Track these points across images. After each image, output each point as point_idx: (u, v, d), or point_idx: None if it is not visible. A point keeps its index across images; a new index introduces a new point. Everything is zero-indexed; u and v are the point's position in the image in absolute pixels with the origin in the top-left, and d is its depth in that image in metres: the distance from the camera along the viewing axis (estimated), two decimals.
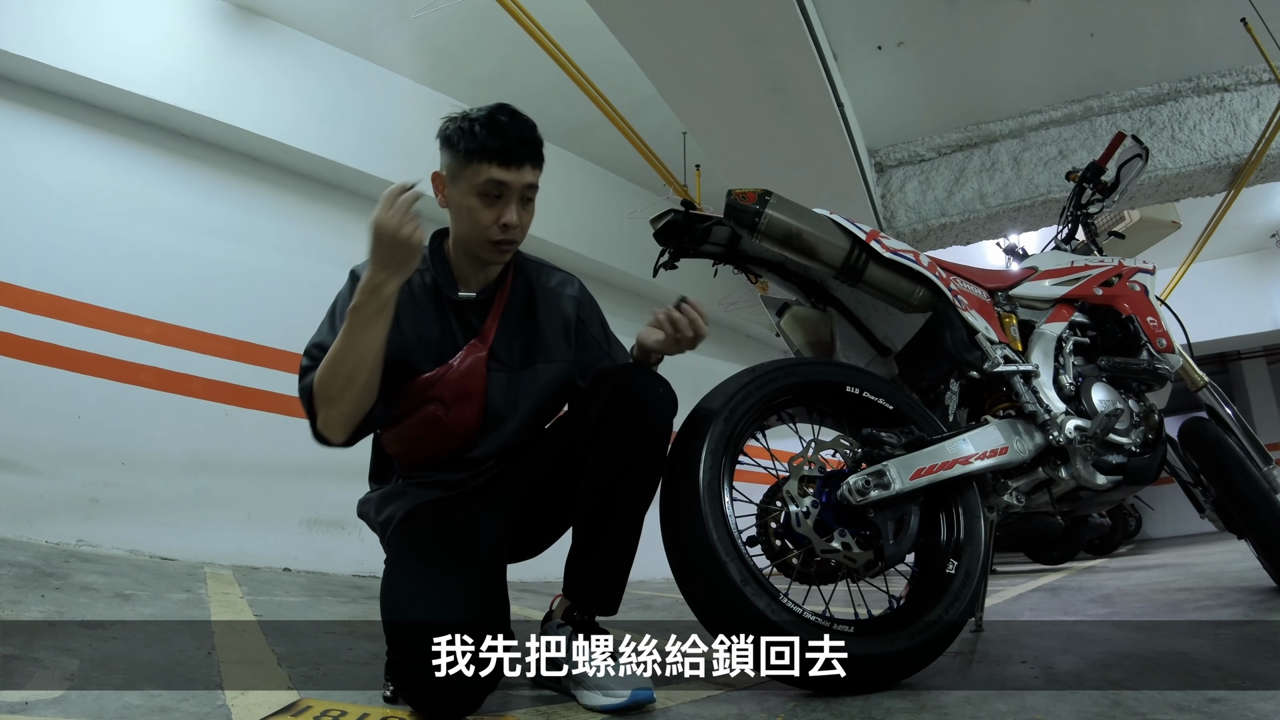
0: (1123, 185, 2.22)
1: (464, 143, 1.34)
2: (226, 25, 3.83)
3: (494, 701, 1.26)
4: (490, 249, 1.39)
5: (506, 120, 1.35)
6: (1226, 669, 1.23)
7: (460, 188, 1.36)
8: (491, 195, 1.34)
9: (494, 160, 1.32)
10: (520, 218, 1.37)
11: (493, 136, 1.32)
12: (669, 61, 3.37)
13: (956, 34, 3.93)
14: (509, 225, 1.36)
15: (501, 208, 1.35)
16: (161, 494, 3.29)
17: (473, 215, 1.36)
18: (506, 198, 1.35)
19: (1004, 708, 1.08)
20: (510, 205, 1.35)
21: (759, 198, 1.47)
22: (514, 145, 1.34)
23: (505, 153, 1.33)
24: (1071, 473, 1.54)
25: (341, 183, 4.29)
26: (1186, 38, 4.00)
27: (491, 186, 1.33)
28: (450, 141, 1.36)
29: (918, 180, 4.72)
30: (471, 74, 4.46)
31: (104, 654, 1.35)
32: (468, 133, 1.34)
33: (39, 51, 3.21)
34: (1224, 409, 2.14)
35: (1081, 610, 2.33)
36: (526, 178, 1.36)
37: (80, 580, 2.15)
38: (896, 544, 1.29)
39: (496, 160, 1.32)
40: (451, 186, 1.38)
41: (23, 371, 3.10)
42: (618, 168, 5.43)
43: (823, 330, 1.83)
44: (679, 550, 1.23)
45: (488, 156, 1.32)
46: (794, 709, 1.14)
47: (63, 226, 3.33)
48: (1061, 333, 1.76)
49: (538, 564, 1.75)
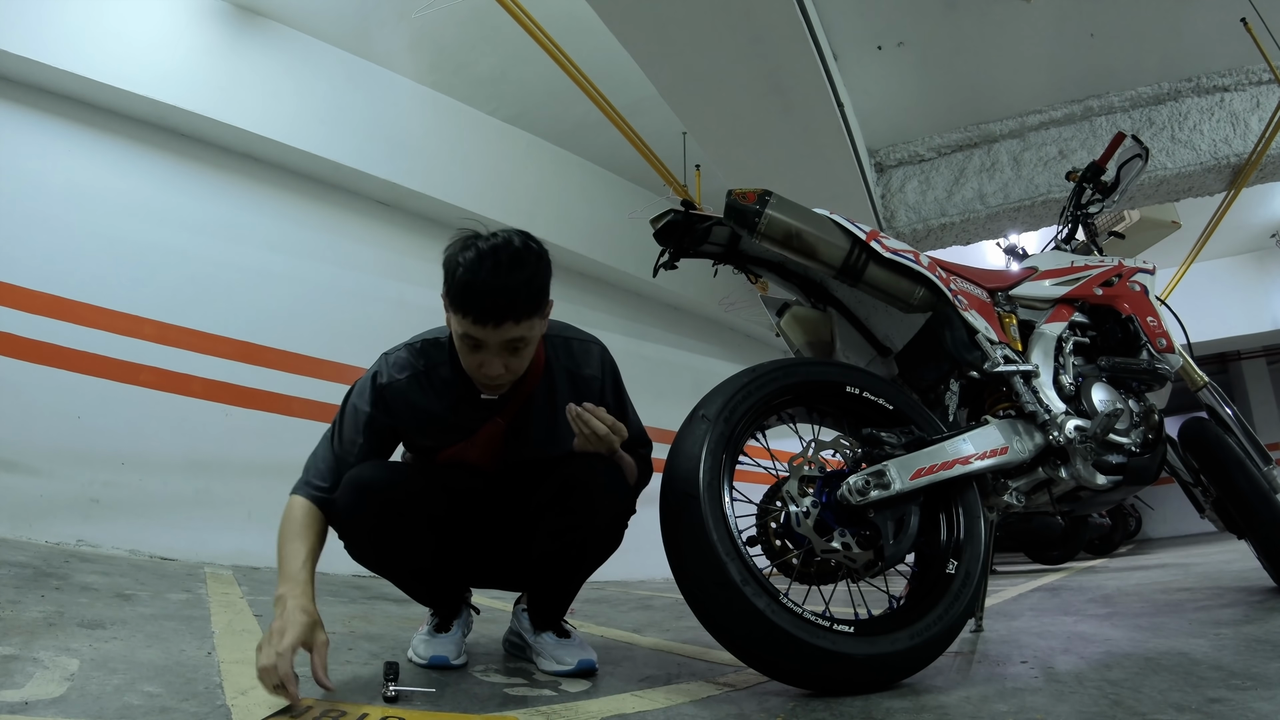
0: (1123, 185, 2.22)
1: (447, 287, 1.30)
2: (226, 25, 3.83)
3: (494, 701, 1.27)
4: (479, 385, 1.39)
5: (488, 275, 1.25)
6: (1226, 669, 1.23)
7: (451, 325, 1.35)
8: (472, 346, 1.31)
9: (469, 317, 1.27)
10: (507, 366, 1.34)
11: (469, 292, 1.26)
12: (669, 61, 3.37)
13: (956, 34, 3.93)
14: (491, 375, 1.34)
15: (482, 357, 1.32)
16: (161, 494, 3.28)
17: (461, 355, 1.35)
18: (487, 350, 1.31)
19: (1004, 708, 1.08)
20: (492, 357, 1.32)
21: (759, 198, 1.47)
22: (489, 307, 1.26)
23: (480, 313, 1.26)
24: (1071, 473, 1.54)
25: (341, 183, 4.29)
26: (1186, 38, 4.00)
27: (469, 340, 1.30)
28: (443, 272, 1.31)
29: (918, 180, 4.72)
30: (471, 74, 4.47)
31: (104, 654, 1.35)
32: (451, 278, 1.29)
33: (39, 51, 3.21)
34: (1224, 409, 2.14)
35: (1081, 610, 2.33)
36: (507, 334, 1.29)
37: (80, 580, 2.15)
38: (896, 544, 1.29)
39: (470, 318, 1.27)
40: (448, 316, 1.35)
41: (23, 371, 3.09)
42: (618, 168, 5.43)
43: (823, 330, 1.83)
44: (679, 550, 1.23)
45: (465, 312, 1.27)
46: (794, 709, 1.14)
47: (63, 226, 3.33)
48: (1061, 333, 1.76)
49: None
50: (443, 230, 5.23)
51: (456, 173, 4.57)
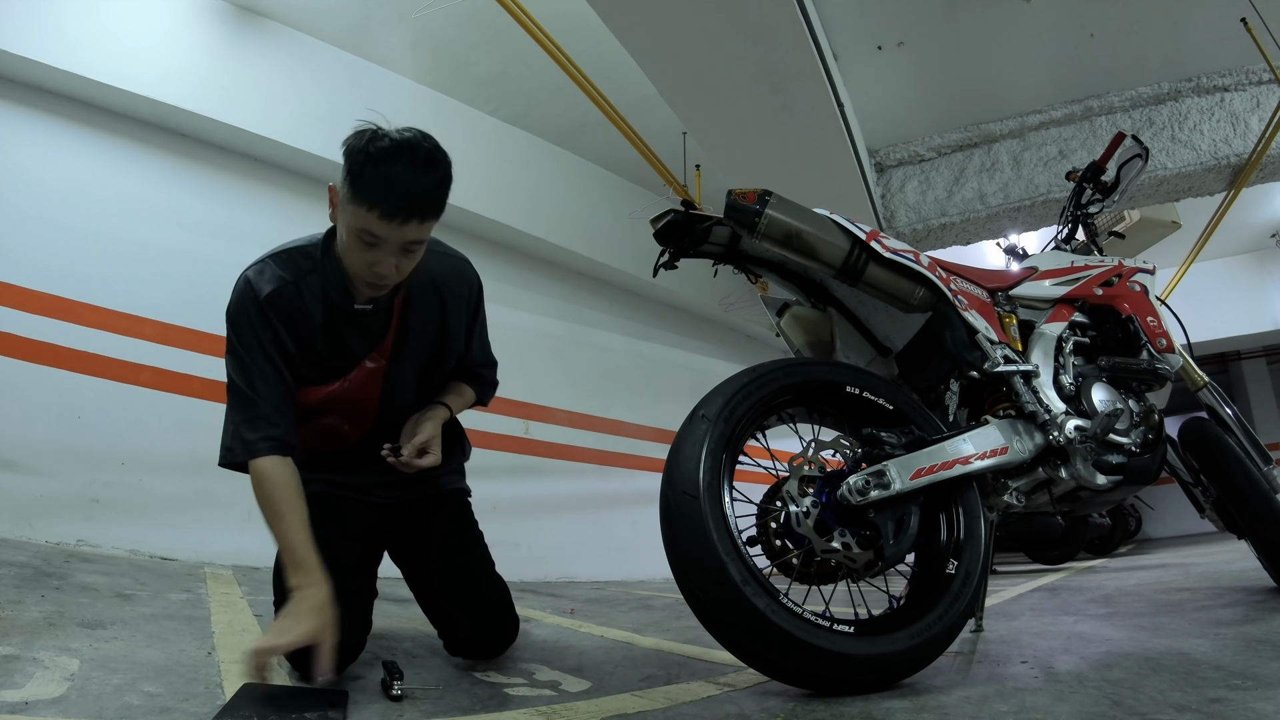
0: (1123, 185, 2.22)
1: (352, 177, 1.24)
2: (226, 25, 3.83)
3: (494, 701, 1.27)
4: (363, 285, 1.34)
5: (401, 170, 1.22)
6: (1226, 669, 1.23)
7: (344, 218, 1.29)
8: (367, 243, 1.26)
9: (375, 210, 1.22)
10: (399, 267, 1.30)
11: (378, 186, 1.21)
12: (669, 61, 3.37)
13: (956, 34, 3.93)
14: (382, 275, 1.29)
15: (377, 256, 1.27)
16: (161, 494, 3.28)
17: (350, 252, 1.29)
18: (384, 248, 1.27)
19: (1004, 708, 1.08)
20: (387, 257, 1.27)
21: (759, 198, 1.47)
22: (401, 203, 1.22)
23: (389, 208, 1.22)
24: (1071, 473, 1.54)
25: None
26: (1186, 38, 4.00)
27: (368, 235, 1.25)
28: (345, 163, 1.26)
29: (918, 180, 4.72)
30: (471, 74, 4.46)
31: (104, 654, 1.35)
32: (358, 168, 1.23)
33: (39, 51, 3.21)
34: (1224, 409, 2.14)
35: (1081, 610, 2.32)
36: (409, 234, 1.26)
37: (80, 580, 2.15)
38: (896, 544, 1.29)
39: (377, 211, 1.22)
40: (340, 211, 1.30)
41: (23, 371, 3.09)
42: (618, 168, 5.43)
43: (823, 330, 1.83)
44: (679, 550, 1.23)
45: (371, 205, 1.22)
46: (794, 709, 1.14)
47: (63, 226, 3.32)
48: (1061, 333, 1.76)
49: (538, 565, 1.80)
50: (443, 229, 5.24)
51: (457, 173, 4.52)
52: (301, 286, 1.37)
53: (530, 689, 1.37)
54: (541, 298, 5.30)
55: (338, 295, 1.38)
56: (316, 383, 1.43)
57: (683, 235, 1.62)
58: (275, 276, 1.37)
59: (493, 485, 4.44)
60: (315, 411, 1.45)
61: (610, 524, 5.13)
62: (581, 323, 5.60)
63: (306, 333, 1.39)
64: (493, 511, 4.87)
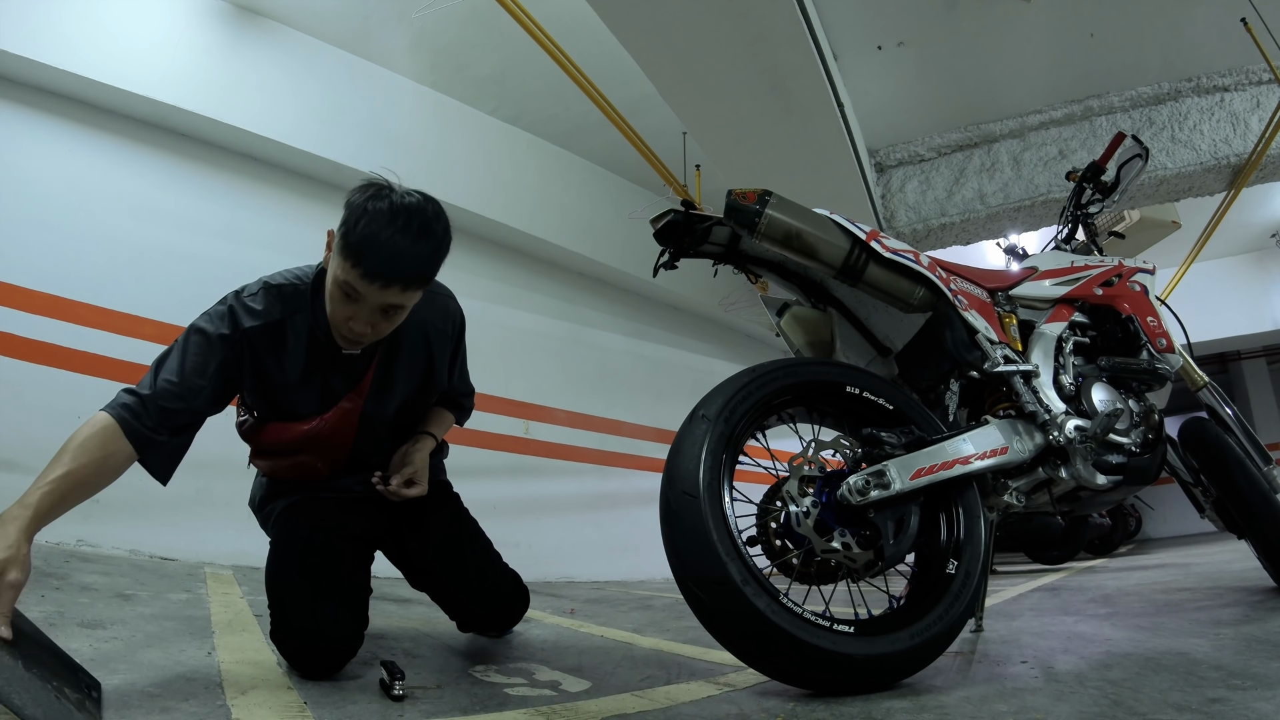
0: (1123, 185, 2.22)
1: (344, 230, 1.25)
2: (226, 25, 3.83)
3: (494, 701, 1.27)
4: (338, 337, 1.34)
5: (394, 234, 1.22)
6: (1226, 669, 1.23)
7: (332, 266, 1.29)
8: (347, 296, 1.27)
9: (358, 270, 1.23)
10: (375, 327, 1.30)
11: (365, 246, 1.21)
12: (669, 61, 3.37)
13: (956, 34, 3.93)
14: (356, 331, 1.30)
15: (354, 310, 1.28)
16: (161, 494, 3.25)
17: (332, 302, 1.30)
18: (362, 305, 1.27)
19: (1004, 708, 1.08)
20: (363, 314, 1.28)
21: (759, 198, 1.47)
22: (383, 267, 1.22)
23: (371, 269, 1.22)
24: (1071, 473, 1.54)
25: (341, 183, 4.29)
26: (1186, 38, 4.00)
27: (349, 289, 1.25)
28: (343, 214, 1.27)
29: (918, 180, 4.72)
30: (471, 74, 4.46)
31: (104, 654, 1.35)
32: (352, 222, 1.23)
33: (39, 51, 3.21)
34: (1224, 409, 2.14)
35: (1081, 610, 2.32)
36: (389, 299, 1.26)
37: (80, 580, 2.15)
38: (896, 544, 1.29)
39: (359, 270, 1.23)
40: (331, 257, 1.30)
41: (23, 371, 3.09)
42: (618, 168, 5.43)
43: (823, 330, 1.83)
44: (679, 550, 1.23)
45: (356, 263, 1.22)
46: (794, 709, 1.14)
47: (63, 226, 3.32)
48: (1061, 333, 1.76)
49: (538, 566, 1.81)
50: None
51: (457, 173, 4.57)
52: (288, 326, 1.37)
53: (530, 689, 1.37)
54: (541, 298, 5.30)
55: (323, 336, 1.38)
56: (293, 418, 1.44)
57: (683, 235, 1.62)
58: (265, 312, 1.37)
59: (493, 485, 4.44)
60: (290, 450, 1.47)
61: (610, 524, 5.13)
62: (581, 323, 5.60)
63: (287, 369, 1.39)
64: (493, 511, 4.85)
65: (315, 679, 1.32)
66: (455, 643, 1.85)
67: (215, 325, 1.34)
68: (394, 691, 1.22)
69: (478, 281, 4.78)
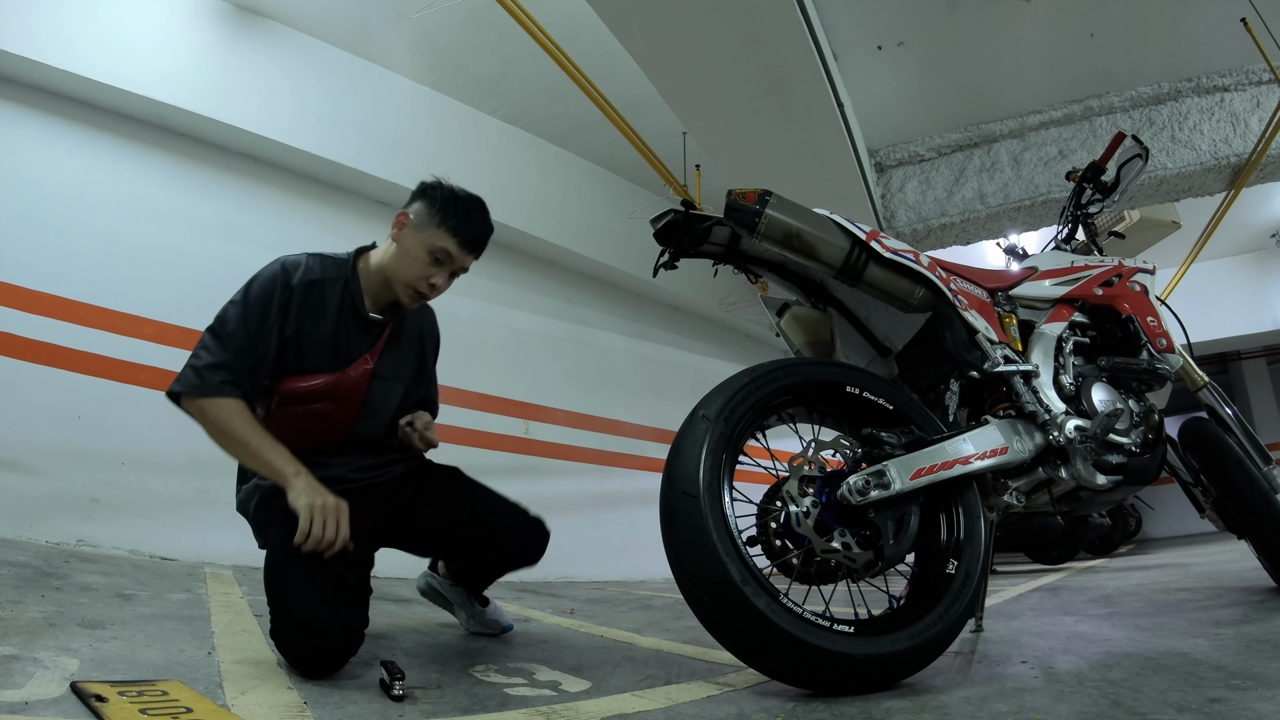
0: (1123, 185, 2.22)
1: (445, 210, 1.59)
2: (226, 25, 3.83)
3: (494, 701, 1.27)
4: (408, 294, 1.62)
5: (480, 216, 1.64)
6: (1226, 669, 1.23)
7: (418, 238, 1.60)
8: (437, 260, 1.60)
9: (458, 238, 1.59)
10: (441, 287, 1.64)
11: (469, 223, 1.61)
12: (669, 61, 3.37)
13: (956, 34, 3.93)
14: (435, 287, 1.62)
15: (435, 271, 1.61)
16: (161, 494, 3.28)
17: (415, 265, 1.60)
18: (446, 267, 1.62)
19: (1004, 708, 1.08)
20: (443, 274, 1.62)
21: (759, 198, 1.47)
22: (478, 238, 1.63)
23: (470, 240, 1.61)
24: (1071, 473, 1.54)
25: (341, 183, 4.29)
26: (1186, 38, 4.00)
27: (444, 254, 1.60)
28: (430, 199, 1.61)
29: (918, 180, 4.72)
30: (471, 74, 4.46)
31: (104, 654, 1.35)
32: (451, 205, 1.60)
33: (39, 51, 3.21)
34: (1224, 409, 2.14)
35: (1081, 610, 2.32)
36: (467, 263, 1.65)
37: (80, 580, 2.15)
38: (896, 544, 1.29)
39: (459, 239, 1.59)
40: (411, 232, 1.61)
41: (23, 371, 3.09)
42: (618, 168, 5.43)
43: (823, 330, 1.83)
44: (679, 550, 1.23)
45: (455, 233, 1.59)
46: (794, 709, 1.14)
47: (63, 226, 3.32)
48: (1061, 333, 1.76)
49: (538, 566, 1.81)
50: None
51: (456, 173, 4.49)
52: (327, 287, 1.62)
53: (530, 689, 1.37)
54: (541, 298, 5.30)
55: (355, 302, 1.64)
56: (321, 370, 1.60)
57: (683, 235, 1.62)
58: (310, 269, 1.62)
59: (493, 485, 4.44)
60: (310, 397, 1.60)
61: (610, 524, 5.12)
62: (581, 323, 5.60)
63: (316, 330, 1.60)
64: None
65: (316, 678, 1.32)
66: (455, 643, 1.85)
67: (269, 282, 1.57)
68: (394, 691, 1.22)
69: (477, 281, 4.76)
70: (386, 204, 4.50)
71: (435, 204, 1.60)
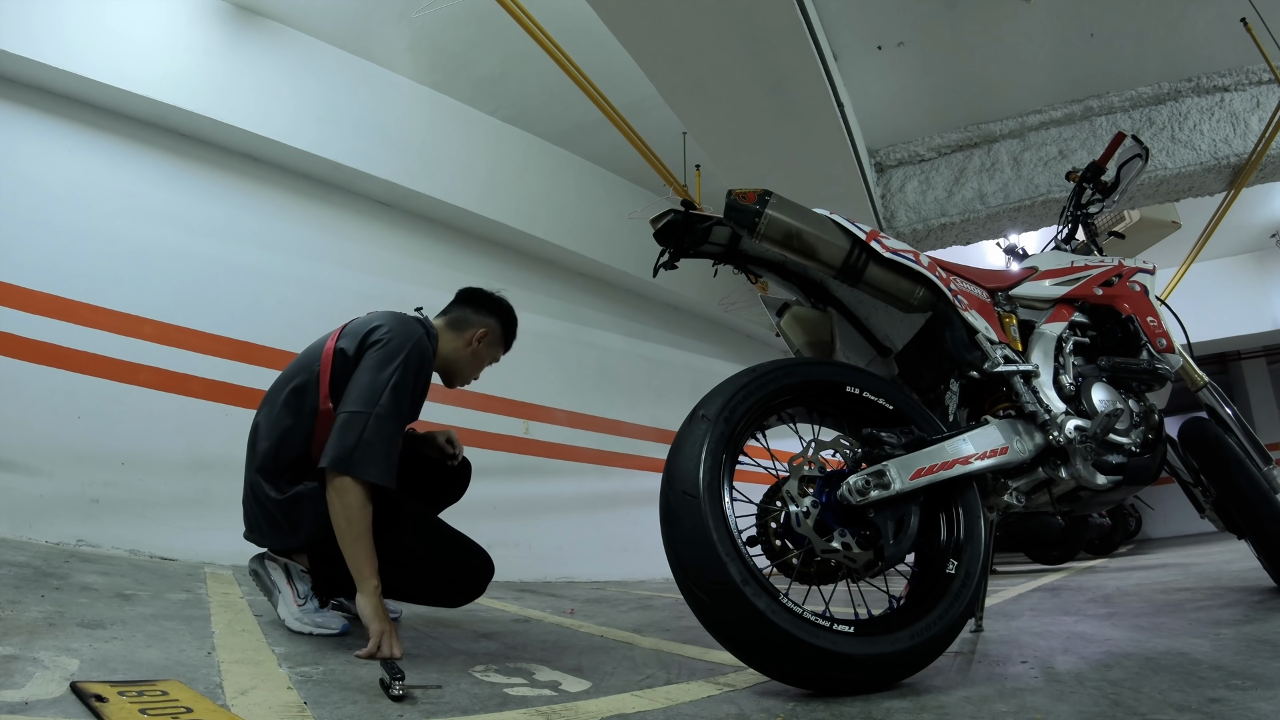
0: (1123, 185, 2.22)
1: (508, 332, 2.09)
2: (226, 25, 3.83)
3: (494, 701, 1.27)
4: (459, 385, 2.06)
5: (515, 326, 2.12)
6: (1226, 669, 1.23)
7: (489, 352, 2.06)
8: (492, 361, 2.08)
9: (508, 349, 2.12)
10: None
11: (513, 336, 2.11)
12: (669, 61, 3.37)
13: (956, 34, 3.93)
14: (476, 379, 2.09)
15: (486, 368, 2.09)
16: (161, 494, 3.28)
17: (478, 369, 2.05)
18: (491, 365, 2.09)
19: (1004, 708, 1.08)
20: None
21: (759, 198, 1.47)
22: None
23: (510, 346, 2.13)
24: (1071, 473, 1.54)
25: (341, 182, 4.29)
26: (1186, 38, 4.00)
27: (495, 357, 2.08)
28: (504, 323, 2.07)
29: (918, 180, 4.72)
30: (471, 74, 4.47)
31: (104, 654, 1.35)
32: (514, 328, 2.10)
33: (39, 51, 3.21)
34: (1224, 409, 2.14)
35: (1081, 610, 2.32)
36: None
37: (80, 580, 2.15)
38: (896, 544, 1.29)
39: (505, 348, 2.11)
40: (486, 348, 2.04)
41: (23, 371, 3.09)
42: (618, 168, 5.43)
43: (823, 330, 1.83)
44: (679, 550, 1.23)
45: (506, 345, 2.10)
46: (794, 709, 1.14)
47: (63, 226, 3.32)
48: (1061, 333, 1.76)
49: (538, 565, 1.82)
50: (443, 230, 5.19)
51: (456, 173, 4.57)
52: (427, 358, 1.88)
53: (530, 689, 1.37)
54: (541, 298, 5.30)
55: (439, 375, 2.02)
56: None
57: (683, 235, 1.62)
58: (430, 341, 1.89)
59: (493, 485, 4.44)
60: None
61: (610, 524, 5.13)
62: (581, 323, 5.60)
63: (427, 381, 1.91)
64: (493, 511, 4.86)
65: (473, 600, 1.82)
66: (455, 643, 1.85)
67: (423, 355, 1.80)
68: (394, 691, 1.22)
69: (477, 282, 4.76)
70: (387, 204, 4.51)
71: (507, 327, 2.05)
